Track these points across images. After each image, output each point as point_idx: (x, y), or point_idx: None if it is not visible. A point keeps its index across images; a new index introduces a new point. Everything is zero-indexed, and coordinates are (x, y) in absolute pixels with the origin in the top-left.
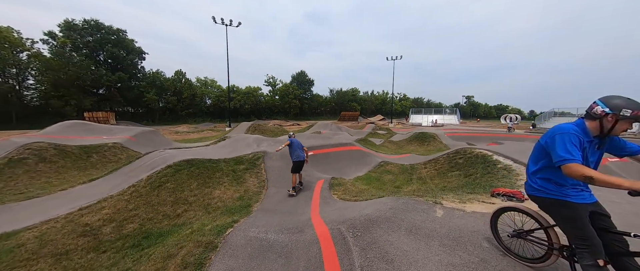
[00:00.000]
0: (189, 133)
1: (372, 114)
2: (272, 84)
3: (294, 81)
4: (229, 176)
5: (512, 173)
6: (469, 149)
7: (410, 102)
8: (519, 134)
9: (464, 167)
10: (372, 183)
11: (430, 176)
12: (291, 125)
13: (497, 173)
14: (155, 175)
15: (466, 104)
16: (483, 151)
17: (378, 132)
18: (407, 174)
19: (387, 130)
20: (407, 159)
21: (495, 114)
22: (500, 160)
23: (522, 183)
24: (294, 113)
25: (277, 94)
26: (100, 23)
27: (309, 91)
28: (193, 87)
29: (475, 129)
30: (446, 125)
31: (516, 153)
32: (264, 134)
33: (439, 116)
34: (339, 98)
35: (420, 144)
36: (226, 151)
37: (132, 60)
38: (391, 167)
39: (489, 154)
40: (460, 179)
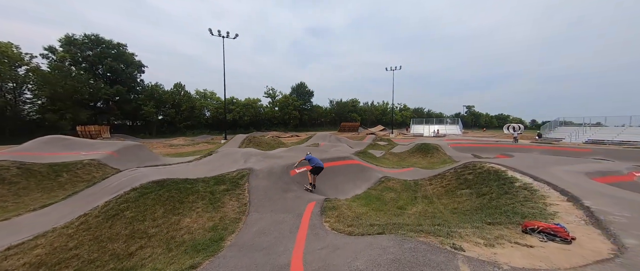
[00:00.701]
0: (184, 146)
1: (373, 125)
2: (271, 96)
3: (293, 92)
4: (205, 199)
5: (536, 195)
6: (479, 163)
7: (411, 112)
8: (525, 144)
9: (474, 184)
10: (372, 203)
11: (437, 195)
12: (290, 137)
13: (516, 193)
14: (114, 201)
15: (467, 114)
16: (495, 166)
17: (379, 143)
18: (410, 191)
19: (388, 141)
20: (410, 173)
21: (496, 123)
22: (516, 177)
23: (553, 211)
24: (293, 124)
25: (276, 106)
26: (100, 37)
27: (308, 102)
28: (192, 100)
29: (480, 140)
30: (449, 135)
31: (532, 168)
32: (260, 147)
33: (440, 126)
34: (339, 109)
35: (423, 156)
36: (208, 168)
37: (131, 73)
38: (393, 183)
39: (502, 169)
40: (472, 199)
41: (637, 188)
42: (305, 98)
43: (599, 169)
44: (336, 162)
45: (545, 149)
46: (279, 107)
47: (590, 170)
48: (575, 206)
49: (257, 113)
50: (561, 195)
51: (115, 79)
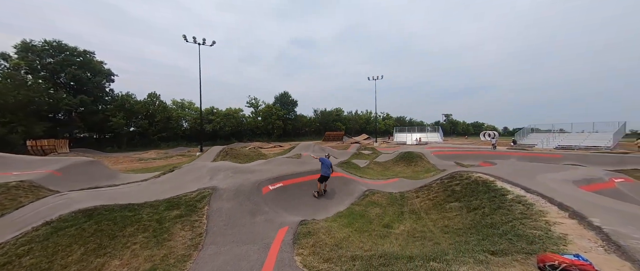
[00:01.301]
0: (154, 160)
1: (357, 134)
2: (254, 105)
3: (277, 102)
4: (148, 230)
5: (533, 210)
6: (466, 173)
7: (393, 121)
8: (503, 151)
9: (463, 197)
10: (356, 222)
11: (424, 209)
12: (273, 147)
13: (510, 208)
14: (11, 243)
15: (446, 122)
16: (483, 176)
17: (363, 152)
18: (396, 205)
19: (372, 150)
20: (396, 184)
21: (472, 130)
22: (507, 188)
23: (561, 232)
24: (277, 134)
25: (259, 116)
26: (63, 44)
27: (292, 111)
28: (168, 110)
29: (461, 147)
30: (430, 143)
31: (519, 177)
32: (237, 159)
33: (422, 134)
34: (323, 118)
35: (407, 165)
36: (164, 188)
37: (99, 82)
38: (378, 197)
39: (490, 179)
40: (463, 214)
41: (621, 196)
42: (289, 108)
43: (582, 177)
44: (317, 175)
45: (521, 155)
46: (262, 117)
47: (575, 178)
48: (582, 226)
49: (239, 123)
50: (561, 210)
51: (80, 88)
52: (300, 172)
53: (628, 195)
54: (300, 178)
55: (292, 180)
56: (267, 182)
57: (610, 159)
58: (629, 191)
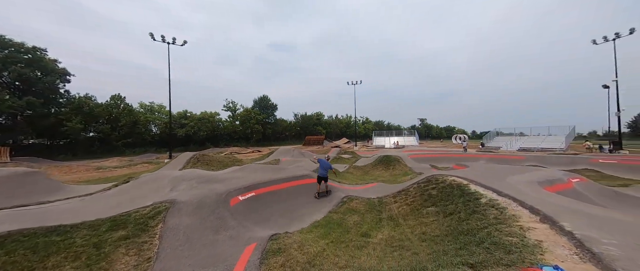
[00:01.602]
0: (116, 169)
1: (338, 138)
2: (232, 109)
3: (256, 106)
4: (81, 258)
5: (506, 214)
6: (441, 177)
7: (373, 125)
8: (473, 153)
9: (440, 201)
10: (333, 232)
11: (402, 214)
12: (251, 152)
13: (485, 213)
14: None
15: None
16: (457, 179)
17: (343, 156)
18: (375, 211)
19: (352, 154)
20: (374, 189)
21: (445, 134)
22: (480, 191)
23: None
24: (256, 139)
25: (237, 120)
26: (6, 39)
27: (272, 115)
28: (134, 114)
29: (435, 150)
30: (407, 146)
31: (490, 180)
32: (209, 166)
33: (400, 137)
34: (303, 122)
35: (386, 169)
36: (112, 204)
37: (52, 83)
38: (356, 203)
39: (464, 183)
40: (439, 220)
41: (579, 196)
42: (268, 112)
43: (545, 178)
44: (293, 182)
45: (489, 157)
46: (240, 121)
47: (538, 179)
48: (554, 231)
49: (215, 128)
50: (532, 214)
51: (28, 89)
52: (276, 179)
53: (584, 195)
54: (276, 185)
55: (267, 188)
56: (237, 192)
57: (564, 160)
58: (584, 190)
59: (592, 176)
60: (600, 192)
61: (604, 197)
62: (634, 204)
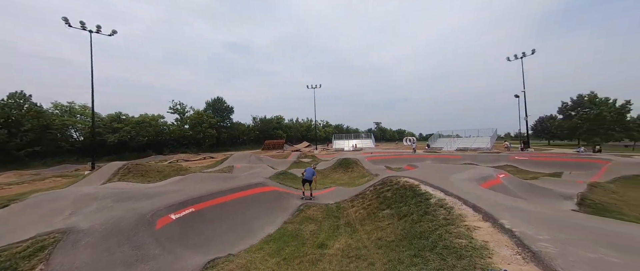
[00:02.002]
0: (9, 186)
1: (298, 141)
2: (180, 112)
3: (209, 108)
4: None
5: (453, 214)
6: (395, 178)
7: (333, 128)
8: (421, 154)
9: (394, 203)
10: (287, 246)
11: (359, 219)
12: (202, 159)
13: (435, 213)
14: None
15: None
16: (409, 180)
17: (303, 160)
18: (332, 218)
19: (313, 157)
20: (332, 194)
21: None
22: (429, 191)
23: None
24: (209, 144)
25: (186, 123)
26: None
27: (228, 118)
28: (44, 116)
29: (389, 152)
30: (365, 149)
31: (437, 179)
32: (144, 178)
33: (358, 140)
34: (263, 126)
35: (345, 171)
36: None
37: None
38: (314, 211)
39: (415, 184)
40: (394, 223)
41: (507, 190)
42: (223, 115)
43: (480, 175)
44: (244, 192)
45: (434, 157)
46: (190, 124)
47: (475, 177)
48: (496, 229)
49: (158, 132)
50: (475, 212)
51: None
52: (224, 190)
53: (510, 188)
54: (223, 197)
55: (212, 201)
56: (169, 209)
57: (491, 158)
58: (509, 184)
59: (511, 170)
60: (520, 185)
61: (523, 189)
62: (542, 194)
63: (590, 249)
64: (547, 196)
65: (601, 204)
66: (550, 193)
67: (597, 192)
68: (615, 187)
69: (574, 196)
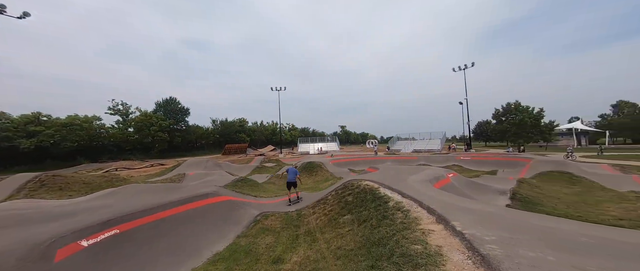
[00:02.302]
0: None
1: (263, 145)
2: (122, 113)
3: (159, 109)
4: None
5: (409, 217)
6: (356, 182)
7: (299, 131)
8: (382, 156)
9: (355, 208)
10: (238, 265)
11: (320, 227)
12: (149, 166)
13: (393, 217)
14: None
15: (342, 133)
16: (369, 183)
17: (266, 165)
18: (292, 227)
19: (277, 162)
20: None
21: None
22: (388, 194)
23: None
24: (159, 149)
25: (131, 126)
26: None
27: (183, 121)
28: None
29: (353, 154)
30: (330, 152)
31: (396, 181)
32: (64, 192)
33: (323, 143)
34: (224, 129)
35: (309, 175)
36: None
37: None
38: (272, 220)
39: (375, 187)
40: (354, 229)
41: (455, 189)
42: (177, 117)
43: (433, 176)
44: (191, 204)
45: (394, 159)
46: (136, 127)
47: (429, 177)
48: (448, 232)
49: (93, 136)
50: (429, 215)
51: None
52: (164, 204)
53: (458, 187)
54: (162, 212)
55: (147, 218)
56: (79, 234)
57: (441, 158)
58: (457, 183)
59: (458, 170)
60: (466, 183)
61: (468, 186)
62: (483, 190)
63: (530, 247)
64: (487, 192)
65: (528, 198)
66: (489, 190)
67: (524, 187)
68: (536, 182)
69: (507, 191)
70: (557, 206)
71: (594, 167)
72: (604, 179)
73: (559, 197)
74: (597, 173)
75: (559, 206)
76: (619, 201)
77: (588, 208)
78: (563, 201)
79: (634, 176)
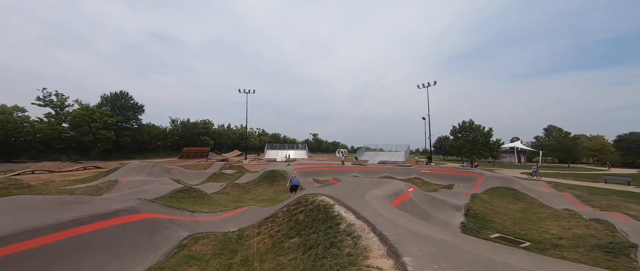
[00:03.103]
0: None
1: (229, 150)
2: (56, 105)
3: (106, 104)
4: None
5: (358, 246)
6: (311, 197)
7: (269, 137)
8: (349, 166)
9: (304, 229)
10: None
11: (261, 252)
12: (76, 170)
13: (341, 245)
14: None
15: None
16: (325, 199)
17: (225, 172)
18: (227, 253)
19: (239, 168)
20: (241, 216)
21: (332, 148)
22: (342, 214)
23: None
24: (102, 149)
25: (66, 121)
26: None
27: (135, 119)
28: None
29: (321, 164)
30: (298, 159)
31: (354, 197)
32: None
33: (292, 151)
34: (185, 131)
35: (270, 185)
36: None
37: None
38: (202, 245)
39: (330, 203)
40: (297, 260)
41: (414, 205)
42: (128, 114)
43: (393, 191)
44: (95, 224)
45: (360, 169)
46: (73, 123)
47: (389, 193)
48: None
49: (12, 131)
50: (381, 244)
51: None
52: (50, 225)
53: (417, 203)
54: (45, 236)
55: (15, 246)
56: None
57: (405, 171)
58: (416, 198)
59: (418, 183)
60: (425, 199)
61: (427, 202)
62: (441, 206)
63: None
64: (444, 208)
65: (480, 214)
66: (446, 205)
67: (476, 202)
68: (487, 197)
69: (462, 207)
70: (505, 223)
71: (535, 184)
72: (543, 197)
73: (506, 213)
74: (537, 190)
75: (506, 223)
76: (556, 218)
77: (531, 226)
78: (510, 218)
79: (565, 193)
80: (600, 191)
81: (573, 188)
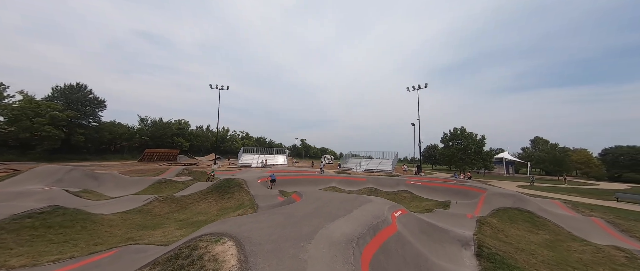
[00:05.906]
0: None
1: (207, 153)
2: None
3: (59, 97)
4: None
5: None
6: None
7: (253, 140)
8: (329, 174)
9: None
10: None
11: None
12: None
13: None
14: None
15: (301, 146)
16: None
17: (176, 179)
18: None
19: (200, 175)
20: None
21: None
22: None
23: None
24: (48, 148)
25: (5, 114)
26: None
27: (94, 115)
28: None
29: (299, 171)
30: (276, 166)
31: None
32: None
33: (269, 156)
34: (156, 131)
35: (219, 199)
36: None
37: None
38: None
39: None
40: None
41: (404, 243)
42: (85, 110)
43: (369, 223)
44: None
45: (340, 179)
46: (12, 116)
47: (361, 228)
48: None
49: None
50: None
51: None
52: None
53: (408, 239)
54: None
55: None
56: None
57: (392, 182)
58: (406, 231)
59: (407, 197)
60: (419, 229)
61: (422, 235)
62: (441, 239)
63: None
64: (446, 243)
65: (498, 254)
66: (448, 238)
67: (487, 232)
68: (497, 223)
69: (471, 240)
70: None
71: (548, 204)
72: (567, 222)
73: (531, 250)
74: (555, 212)
75: (540, 269)
76: (606, 262)
77: None
78: (540, 260)
79: (593, 218)
80: (629, 214)
81: (592, 208)
